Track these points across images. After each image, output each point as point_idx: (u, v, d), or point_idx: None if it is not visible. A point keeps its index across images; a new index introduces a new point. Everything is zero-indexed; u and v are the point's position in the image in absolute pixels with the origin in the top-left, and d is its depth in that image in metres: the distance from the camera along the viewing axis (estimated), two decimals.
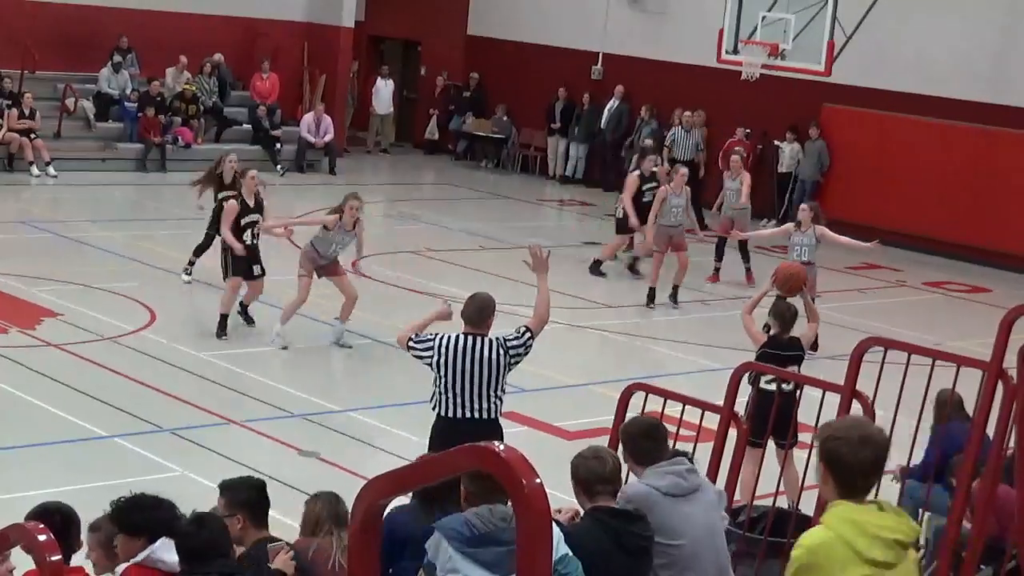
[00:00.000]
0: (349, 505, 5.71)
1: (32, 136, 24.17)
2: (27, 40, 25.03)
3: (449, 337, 9.20)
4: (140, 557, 5.82)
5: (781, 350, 10.99)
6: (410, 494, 6.31)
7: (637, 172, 19.83)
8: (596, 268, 20.00)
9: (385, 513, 5.35)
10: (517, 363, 9.31)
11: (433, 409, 9.28)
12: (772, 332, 11.32)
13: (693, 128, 25.66)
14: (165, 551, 5.81)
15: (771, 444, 10.06)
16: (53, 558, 4.23)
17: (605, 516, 5.92)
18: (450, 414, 9.15)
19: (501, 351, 9.15)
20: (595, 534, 5.86)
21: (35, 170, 23.99)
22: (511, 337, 9.22)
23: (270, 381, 13.68)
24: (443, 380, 9.15)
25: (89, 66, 26.18)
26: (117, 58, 26.30)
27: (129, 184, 24.58)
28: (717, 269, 20.12)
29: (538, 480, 3.61)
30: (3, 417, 12.25)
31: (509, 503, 5.84)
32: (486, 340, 9.18)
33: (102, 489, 10.20)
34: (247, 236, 15.15)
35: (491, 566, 5.71)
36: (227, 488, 6.71)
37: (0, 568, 6.00)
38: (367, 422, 12.85)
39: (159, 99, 26.01)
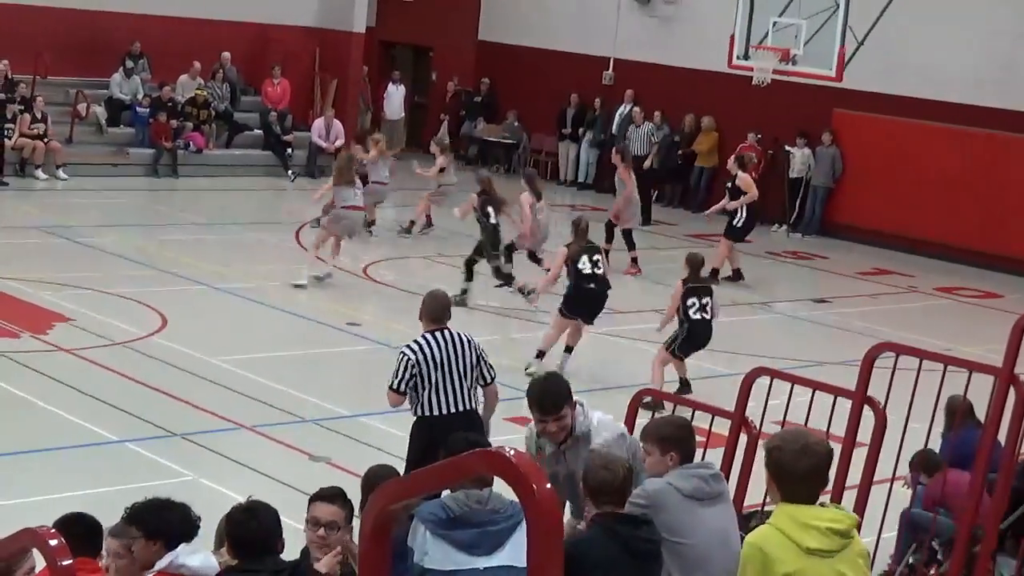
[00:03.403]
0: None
1: (46, 140, 24.22)
2: (39, 45, 25.07)
3: (419, 343, 9.39)
4: (163, 563, 5.76)
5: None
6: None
7: None
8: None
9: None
10: (482, 370, 9.48)
11: (415, 414, 9.44)
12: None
13: (643, 123, 26.69)
14: (187, 555, 5.75)
15: None
16: (64, 562, 4.24)
17: (611, 523, 5.94)
18: (435, 412, 9.32)
19: (474, 344, 9.45)
20: (602, 541, 5.88)
21: (41, 174, 24.02)
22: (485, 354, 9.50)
23: (281, 386, 13.68)
24: (425, 382, 9.29)
25: (101, 71, 26.23)
26: (129, 63, 26.35)
27: (141, 189, 24.62)
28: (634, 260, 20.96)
29: (548, 485, 3.61)
30: (14, 421, 12.27)
31: (485, 488, 5.95)
32: (456, 332, 9.44)
33: (113, 494, 10.22)
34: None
35: (465, 547, 5.87)
36: (338, 497, 6.25)
37: (19, 573, 5.99)
38: (378, 427, 12.84)
39: (171, 104, 26.05)
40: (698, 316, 14.40)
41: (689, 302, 14.37)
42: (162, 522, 5.90)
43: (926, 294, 21.29)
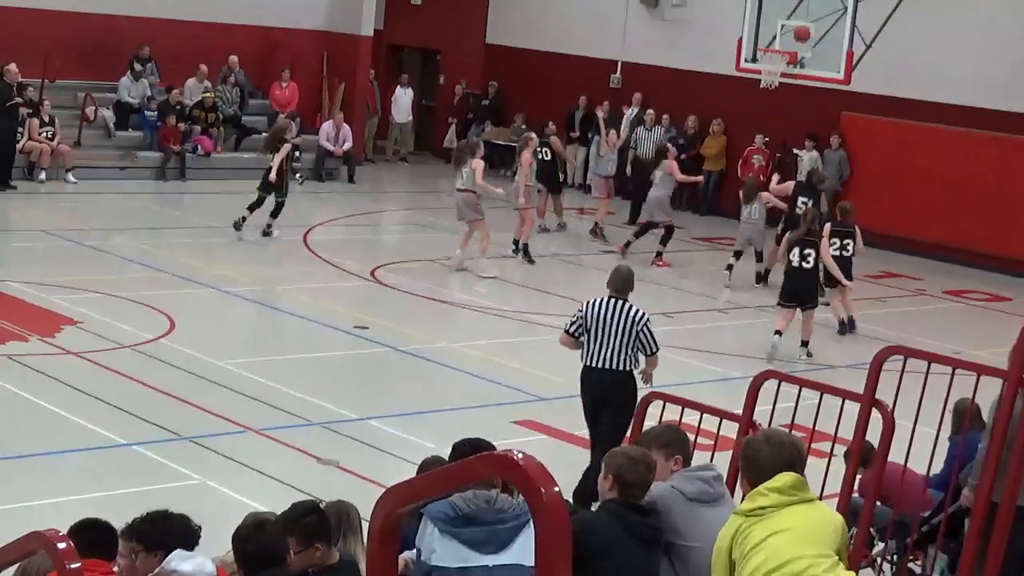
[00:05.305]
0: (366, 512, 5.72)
1: (51, 146, 24.21)
2: (47, 49, 25.10)
3: (592, 300, 10.87)
4: (156, 570, 5.81)
5: None
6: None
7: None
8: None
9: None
10: (641, 341, 10.70)
11: (581, 360, 10.82)
12: None
13: (655, 127, 26.63)
14: (180, 561, 5.77)
15: None
16: (72, 565, 4.25)
17: (621, 509, 6.07)
18: (587, 362, 10.72)
19: (637, 317, 10.66)
20: (609, 524, 6.00)
21: (43, 176, 24.00)
22: (650, 329, 10.75)
23: (289, 389, 13.68)
24: (588, 334, 10.70)
25: (109, 75, 26.26)
26: (137, 67, 26.37)
27: (149, 192, 24.65)
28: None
29: (556, 488, 3.61)
30: (23, 425, 12.28)
31: (493, 489, 5.99)
32: (627, 304, 10.76)
33: (121, 497, 10.26)
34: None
35: (473, 544, 5.92)
36: (290, 523, 6.21)
37: None
38: (386, 430, 12.85)
39: (179, 108, 26.08)
40: (797, 264, 16.14)
41: (792, 252, 16.23)
42: (161, 534, 5.92)
43: (934, 297, 21.27)
